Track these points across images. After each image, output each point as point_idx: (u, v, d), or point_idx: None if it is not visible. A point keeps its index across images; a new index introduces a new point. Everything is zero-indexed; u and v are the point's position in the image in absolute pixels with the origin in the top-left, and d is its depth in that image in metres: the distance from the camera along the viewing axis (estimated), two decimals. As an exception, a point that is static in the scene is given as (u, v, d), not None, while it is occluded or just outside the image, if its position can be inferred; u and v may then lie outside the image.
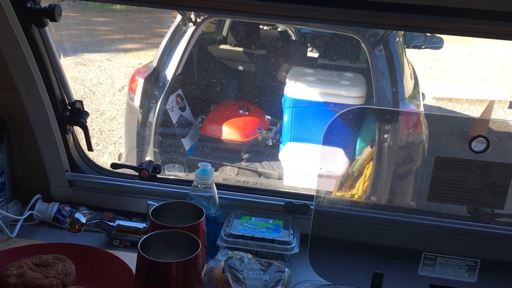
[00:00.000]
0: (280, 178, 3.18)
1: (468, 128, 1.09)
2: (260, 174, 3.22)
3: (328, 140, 1.12)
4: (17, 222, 1.26)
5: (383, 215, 1.20)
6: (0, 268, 1.01)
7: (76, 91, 5.21)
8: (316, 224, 1.16)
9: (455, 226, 1.15)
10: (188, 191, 1.23)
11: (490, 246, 1.13)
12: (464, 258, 1.10)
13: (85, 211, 1.18)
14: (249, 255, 1.11)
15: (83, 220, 1.13)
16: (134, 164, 2.96)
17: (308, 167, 2.92)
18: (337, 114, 1.10)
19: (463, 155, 1.03)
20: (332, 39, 3.94)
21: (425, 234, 1.16)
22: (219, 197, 1.24)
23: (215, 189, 1.23)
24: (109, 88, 5.61)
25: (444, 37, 3.91)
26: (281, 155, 3.17)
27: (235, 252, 1.11)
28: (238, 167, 3.30)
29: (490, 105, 5.06)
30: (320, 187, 1.15)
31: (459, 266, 1.10)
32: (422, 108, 3.43)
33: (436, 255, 1.10)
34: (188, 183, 1.35)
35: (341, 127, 1.15)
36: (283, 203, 1.30)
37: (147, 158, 3.07)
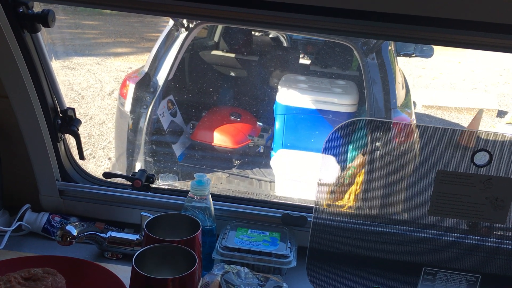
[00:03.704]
0: (271, 182, 3.16)
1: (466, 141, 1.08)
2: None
3: (328, 152, 1.10)
4: (5, 234, 1.22)
5: (383, 228, 1.19)
6: (-13, 283, 0.97)
7: (65, 95, 5.14)
8: (315, 237, 1.14)
9: (455, 240, 1.14)
10: (183, 202, 1.20)
11: (491, 261, 1.11)
12: (465, 273, 1.08)
13: (76, 223, 1.15)
14: (246, 269, 1.08)
15: (75, 232, 1.09)
16: (124, 170, 2.91)
17: (299, 174, 2.90)
18: (337, 126, 1.08)
19: (465, 169, 1.02)
20: (324, 46, 3.94)
21: (425, 247, 1.14)
22: (214, 208, 1.21)
23: (211, 200, 1.20)
24: (98, 92, 5.55)
25: (434, 46, 3.93)
26: (272, 162, 3.15)
27: (232, 266, 1.08)
28: (230, 173, 3.27)
29: (479, 114, 5.09)
30: (319, 199, 1.13)
31: (460, 281, 1.08)
32: (413, 117, 3.43)
33: (436, 270, 1.08)
34: (183, 193, 1.32)
35: (340, 138, 1.14)
36: (280, 215, 1.28)
37: (138, 164, 3.03)
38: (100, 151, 4.33)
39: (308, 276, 1.15)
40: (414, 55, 4.09)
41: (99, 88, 5.67)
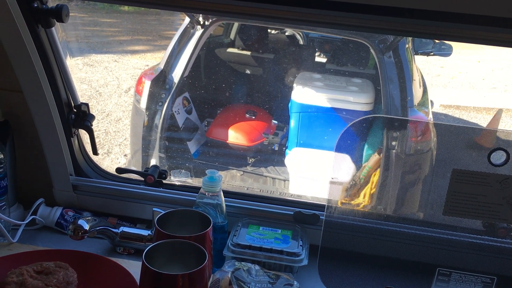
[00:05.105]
0: (285, 180, 3.15)
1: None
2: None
3: (341, 149, 1.08)
4: (19, 227, 1.23)
5: (396, 227, 1.17)
6: (0, 275, 0.98)
7: (83, 92, 5.20)
8: (327, 235, 1.12)
9: (470, 240, 1.11)
10: (195, 198, 1.20)
11: (508, 262, 1.09)
12: (480, 275, 1.06)
13: (89, 217, 1.15)
14: (257, 267, 1.07)
15: (87, 227, 1.10)
16: (139, 167, 2.93)
17: (314, 173, 2.89)
18: (351, 123, 1.07)
19: (481, 168, 0.99)
20: (340, 44, 3.90)
21: (439, 248, 1.12)
22: (226, 205, 1.21)
23: (223, 197, 1.20)
24: (115, 89, 5.60)
25: (452, 44, 3.87)
26: (287, 160, 3.13)
27: (242, 263, 1.07)
28: (244, 171, 3.27)
29: (498, 114, 5.00)
30: (331, 197, 1.12)
31: (475, 283, 1.06)
32: (431, 116, 3.39)
33: (450, 270, 1.06)
34: (195, 189, 1.32)
35: (354, 136, 1.12)
36: (292, 213, 1.26)
37: (153, 161, 3.04)
38: (116, 147, 4.36)
39: (319, 275, 1.13)
40: (432, 53, 4.02)
41: (116, 85, 5.71)
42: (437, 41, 3.83)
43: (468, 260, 1.10)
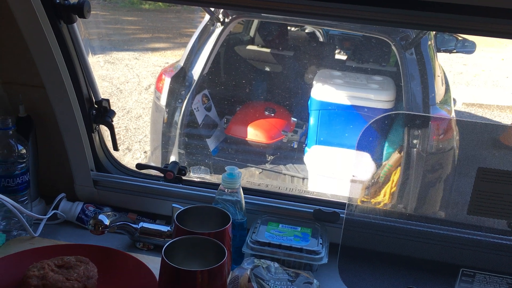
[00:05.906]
0: (304, 178, 3.13)
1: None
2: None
3: (362, 147, 1.07)
4: (41, 221, 1.24)
5: (418, 226, 1.15)
6: (22, 268, 1.00)
7: (104, 89, 5.25)
8: (347, 233, 1.11)
9: (495, 241, 1.09)
10: (214, 195, 1.20)
11: (534, 264, 1.06)
12: (505, 276, 1.03)
13: (109, 213, 1.16)
14: (276, 264, 1.06)
15: (107, 222, 1.10)
16: (159, 163, 2.95)
17: (333, 170, 2.86)
18: (372, 120, 1.05)
19: (507, 167, 0.97)
20: (361, 41, 3.86)
21: (463, 248, 1.10)
22: (245, 202, 1.20)
23: (242, 193, 1.19)
24: (136, 86, 5.64)
25: (476, 41, 3.79)
26: (306, 158, 3.11)
27: (262, 260, 1.07)
28: (263, 169, 3.26)
29: (523, 112, 4.89)
30: (352, 195, 1.10)
31: (500, 284, 1.03)
32: (453, 114, 3.32)
33: (475, 271, 1.04)
34: (214, 186, 1.32)
35: (375, 133, 1.10)
36: (312, 210, 1.25)
37: (172, 157, 3.06)
38: (136, 144, 4.40)
39: (339, 274, 1.12)
40: (455, 51, 3.94)
41: (136, 82, 5.76)
42: (460, 38, 3.75)
43: (492, 260, 1.07)
